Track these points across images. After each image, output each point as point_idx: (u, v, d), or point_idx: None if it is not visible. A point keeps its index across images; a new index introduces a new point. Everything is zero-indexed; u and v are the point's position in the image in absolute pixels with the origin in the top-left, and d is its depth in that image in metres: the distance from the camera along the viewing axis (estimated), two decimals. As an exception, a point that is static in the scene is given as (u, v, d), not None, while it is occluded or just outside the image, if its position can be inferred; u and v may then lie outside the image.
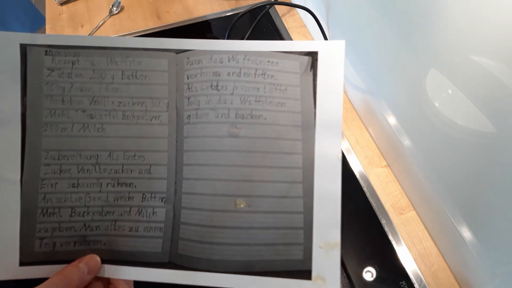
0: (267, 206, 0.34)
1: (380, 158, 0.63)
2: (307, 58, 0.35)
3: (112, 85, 0.35)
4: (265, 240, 0.34)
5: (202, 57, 0.35)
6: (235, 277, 0.33)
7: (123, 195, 0.35)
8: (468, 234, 0.46)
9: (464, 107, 0.40)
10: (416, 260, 0.53)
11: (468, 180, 0.43)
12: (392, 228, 0.55)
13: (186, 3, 0.88)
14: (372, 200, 0.58)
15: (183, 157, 0.35)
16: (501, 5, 0.32)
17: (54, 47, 0.35)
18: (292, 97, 0.35)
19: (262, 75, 0.35)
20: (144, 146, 0.35)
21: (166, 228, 0.35)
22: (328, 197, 0.34)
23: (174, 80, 0.36)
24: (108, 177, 0.35)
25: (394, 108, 0.56)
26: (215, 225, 0.34)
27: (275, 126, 0.35)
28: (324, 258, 0.33)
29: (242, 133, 0.35)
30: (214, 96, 0.35)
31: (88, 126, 0.35)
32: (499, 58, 0.34)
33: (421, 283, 0.51)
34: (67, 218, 0.34)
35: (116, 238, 0.35)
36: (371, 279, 0.51)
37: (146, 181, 0.35)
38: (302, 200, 0.34)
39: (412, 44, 0.47)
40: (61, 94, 0.35)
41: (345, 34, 0.65)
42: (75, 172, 0.35)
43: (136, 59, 0.35)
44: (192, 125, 0.35)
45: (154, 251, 0.34)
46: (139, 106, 0.35)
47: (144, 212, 0.35)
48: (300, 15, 0.84)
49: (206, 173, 0.35)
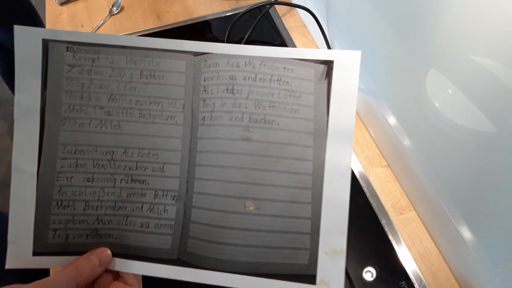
0: (275, 210, 0.35)
1: (380, 158, 0.63)
2: (322, 67, 0.35)
3: (130, 83, 0.36)
4: (272, 243, 0.34)
5: (219, 60, 0.36)
6: (242, 277, 0.34)
7: (136, 192, 0.35)
8: (468, 234, 0.46)
9: (464, 107, 0.40)
10: (416, 260, 0.53)
11: (468, 180, 0.43)
12: (392, 228, 0.55)
13: (186, 3, 0.88)
14: (372, 200, 0.58)
15: (196, 157, 0.36)
16: (501, 5, 0.32)
17: (76, 44, 0.35)
18: (306, 104, 0.35)
19: (277, 81, 0.35)
20: (159, 145, 0.36)
21: (176, 226, 0.35)
22: (336, 205, 0.34)
23: (191, 82, 0.36)
24: (122, 173, 0.35)
25: (394, 108, 0.56)
26: (224, 225, 0.35)
27: (288, 132, 0.35)
28: (329, 264, 0.34)
29: (255, 137, 0.35)
30: (229, 99, 0.35)
31: (105, 122, 0.35)
32: (499, 58, 0.34)
33: (421, 283, 0.51)
34: (81, 211, 0.35)
35: (127, 233, 0.35)
36: (371, 279, 0.51)
37: (159, 179, 0.36)
38: (311, 206, 0.34)
39: (412, 44, 0.47)
40: (80, 90, 0.35)
41: (345, 34, 0.65)
42: (90, 167, 0.35)
43: (155, 60, 0.36)
44: (206, 127, 0.36)
45: (163, 247, 0.35)
46: (155, 105, 0.36)
47: (155, 209, 0.35)
48: (300, 15, 0.84)
49: (217, 174, 0.35)
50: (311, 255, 0.34)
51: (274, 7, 0.85)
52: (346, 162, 0.34)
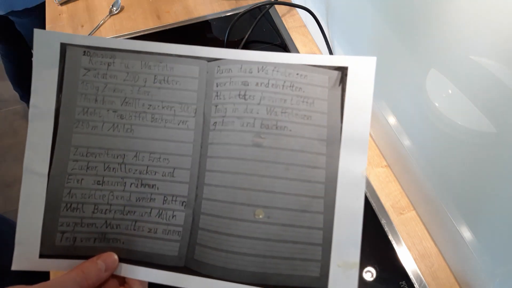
0: (286, 218, 0.34)
1: (380, 158, 0.63)
2: (336, 73, 0.35)
3: (144, 88, 0.36)
4: (281, 254, 0.33)
5: (232, 66, 0.36)
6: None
7: (145, 196, 0.35)
8: (468, 234, 0.46)
9: (464, 107, 0.40)
10: (416, 260, 0.53)
11: (468, 180, 0.43)
12: (392, 228, 0.55)
13: (186, 3, 0.88)
14: (372, 200, 0.58)
15: (206, 163, 0.35)
16: (501, 5, 0.32)
17: (92, 48, 0.36)
18: (319, 111, 0.35)
19: (290, 87, 0.35)
20: (170, 150, 0.36)
21: (184, 232, 0.35)
22: (350, 215, 0.33)
23: (204, 87, 0.36)
24: (132, 177, 0.35)
25: (394, 108, 0.56)
26: (232, 233, 0.34)
27: (300, 138, 0.34)
28: (341, 277, 0.32)
29: (266, 143, 0.34)
30: (241, 105, 0.35)
31: (118, 126, 0.36)
32: (499, 58, 0.34)
33: (421, 283, 0.51)
34: (90, 214, 0.35)
35: (135, 238, 0.35)
36: (371, 279, 0.51)
37: (168, 184, 0.35)
38: (323, 216, 0.33)
39: (412, 44, 0.47)
40: (94, 93, 0.36)
41: (345, 34, 0.65)
42: (101, 169, 0.35)
43: (169, 65, 0.36)
44: (218, 132, 0.35)
45: (171, 254, 0.35)
46: (168, 110, 0.36)
47: (164, 215, 0.35)
48: (300, 15, 0.84)
49: (227, 180, 0.35)
50: (323, 267, 0.33)
51: (274, 7, 0.85)
52: (360, 171, 0.33)
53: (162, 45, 0.36)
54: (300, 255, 0.33)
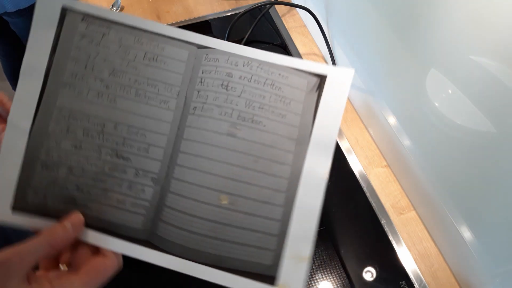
0: (248, 207, 0.36)
1: (380, 158, 0.63)
2: (315, 79, 0.37)
3: (133, 62, 0.37)
4: (239, 239, 0.35)
5: (220, 56, 0.37)
6: (204, 268, 0.35)
7: (118, 167, 0.36)
8: (468, 234, 0.46)
9: (464, 107, 0.40)
10: (416, 260, 0.53)
11: (468, 180, 0.43)
12: (392, 228, 0.56)
13: (186, 3, 0.88)
14: (372, 200, 0.58)
15: (181, 144, 0.37)
16: (501, 6, 0.32)
17: (91, 16, 0.37)
18: (294, 111, 0.37)
19: (270, 85, 0.37)
20: (148, 126, 0.37)
21: (151, 208, 0.36)
22: (307, 212, 0.35)
23: (190, 72, 0.38)
24: (109, 147, 0.36)
25: (394, 108, 0.56)
26: (196, 214, 0.36)
27: (272, 134, 0.36)
28: (291, 268, 0.34)
29: (240, 134, 0.36)
30: (222, 94, 0.37)
31: (102, 95, 0.37)
32: (499, 58, 0.34)
33: (421, 283, 0.51)
34: (63, 175, 0.36)
35: (104, 206, 0.36)
36: (371, 279, 0.51)
37: (142, 159, 0.37)
38: (282, 209, 0.35)
39: (412, 44, 0.47)
40: (85, 60, 0.37)
41: (345, 33, 0.65)
42: (80, 134, 0.36)
43: (161, 45, 0.37)
44: (196, 117, 0.37)
45: (135, 227, 0.36)
46: (152, 88, 0.37)
47: (134, 188, 0.36)
48: (300, 15, 0.84)
49: (198, 164, 0.36)
50: (275, 257, 0.35)
51: (274, 7, 0.85)
52: (322, 173, 0.35)
53: (157, 24, 0.38)
54: (256, 243, 0.35)
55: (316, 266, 0.53)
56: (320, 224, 0.58)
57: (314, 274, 0.52)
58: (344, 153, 0.63)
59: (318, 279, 0.52)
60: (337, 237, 0.55)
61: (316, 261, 0.53)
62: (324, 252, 0.54)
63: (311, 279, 0.52)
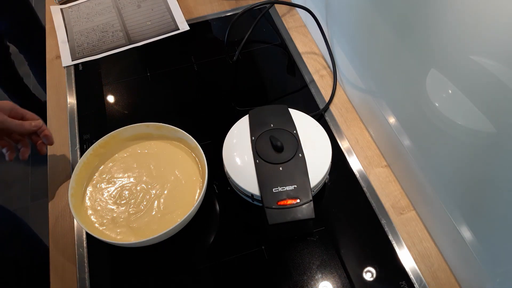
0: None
1: (380, 158, 0.63)
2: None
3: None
4: None
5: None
6: None
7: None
8: (468, 234, 0.46)
9: (464, 107, 0.40)
10: (416, 260, 0.53)
11: (468, 180, 0.43)
12: (392, 228, 0.56)
13: (186, 3, 0.88)
14: (372, 200, 0.58)
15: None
16: (501, 5, 0.32)
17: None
18: None
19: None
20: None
21: None
22: None
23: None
24: None
25: (394, 108, 0.56)
26: None
27: None
28: None
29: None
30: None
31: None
32: (499, 58, 0.34)
33: (421, 283, 0.51)
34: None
35: None
36: (371, 279, 0.51)
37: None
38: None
39: (412, 44, 0.47)
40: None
41: (344, 33, 0.65)
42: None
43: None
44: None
45: None
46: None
47: None
48: (300, 15, 0.84)
49: None
50: None
51: (274, 7, 0.85)
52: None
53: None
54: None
55: (316, 266, 0.53)
56: (320, 224, 0.58)
57: (314, 274, 0.52)
58: (344, 153, 0.63)
59: (318, 279, 0.52)
60: (337, 237, 0.55)
61: (316, 261, 0.53)
62: (324, 252, 0.54)
63: (311, 279, 0.52)
